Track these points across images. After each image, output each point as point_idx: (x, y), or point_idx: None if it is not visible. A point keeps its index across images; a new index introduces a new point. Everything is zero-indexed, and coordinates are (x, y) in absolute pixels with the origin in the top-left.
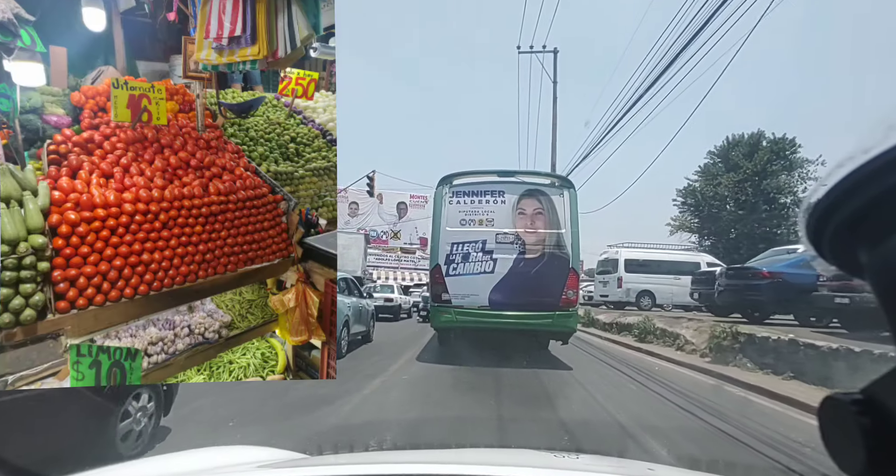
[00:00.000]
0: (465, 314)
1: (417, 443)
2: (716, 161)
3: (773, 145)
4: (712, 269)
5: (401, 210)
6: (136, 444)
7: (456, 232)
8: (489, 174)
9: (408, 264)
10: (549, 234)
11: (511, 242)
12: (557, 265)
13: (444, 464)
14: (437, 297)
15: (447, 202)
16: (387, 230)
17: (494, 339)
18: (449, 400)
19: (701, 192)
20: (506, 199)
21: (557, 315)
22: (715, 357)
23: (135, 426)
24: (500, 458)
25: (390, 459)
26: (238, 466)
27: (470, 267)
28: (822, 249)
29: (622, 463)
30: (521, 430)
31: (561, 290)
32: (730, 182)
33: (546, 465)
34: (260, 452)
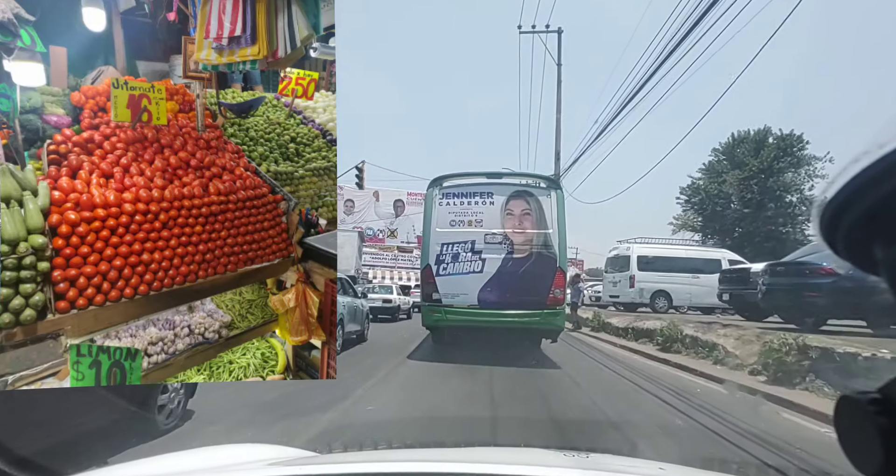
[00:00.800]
0: (454, 313)
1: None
2: (720, 158)
3: (779, 142)
4: (742, 266)
5: (398, 207)
6: (170, 419)
7: (446, 233)
8: (478, 176)
9: (405, 264)
10: (536, 234)
11: (499, 242)
12: (545, 265)
13: (454, 462)
14: (427, 296)
15: (437, 204)
16: (383, 228)
17: (485, 338)
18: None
19: (705, 190)
20: (494, 200)
21: (545, 313)
22: (774, 377)
23: (170, 404)
24: (510, 456)
25: (400, 457)
26: (249, 464)
27: (459, 267)
28: (836, 245)
29: (633, 462)
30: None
31: (548, 289)
32: (735, 179)
33: (556, 463)
34: (270, 450)
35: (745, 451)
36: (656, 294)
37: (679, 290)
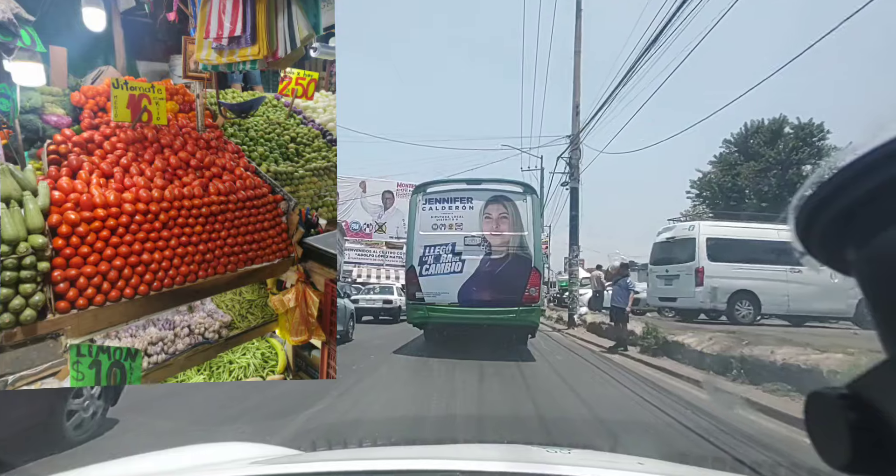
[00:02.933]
0: (436, 311)
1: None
2: (732, 150)
3: (797, 131)
4: None
5: (386, 200)
6: (81, 431)
7: (428, 236)
8: (458, 182)
9: (395, 261)
10: (512, 237)
11: (478, 244)
12: (520, 265)
13: (436, 459)
14: (411, 295)
15: (420, 209)
16: (370, 222)
17: (467, 336)
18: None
19: (718, 184)
20: (473, 205)
21: (520, 310)
22: None
23: (82, 412)
24: (493, 453)
25: (382, 455)
26: (231, 463)
27: (441, 267)
28: (811, 245)
29: (613, 457)
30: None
31: (524, 288)
32: (750, 172)
33: (538, 459)
34: (253, 449)
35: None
36: (737, 295)
37: (771, 289)
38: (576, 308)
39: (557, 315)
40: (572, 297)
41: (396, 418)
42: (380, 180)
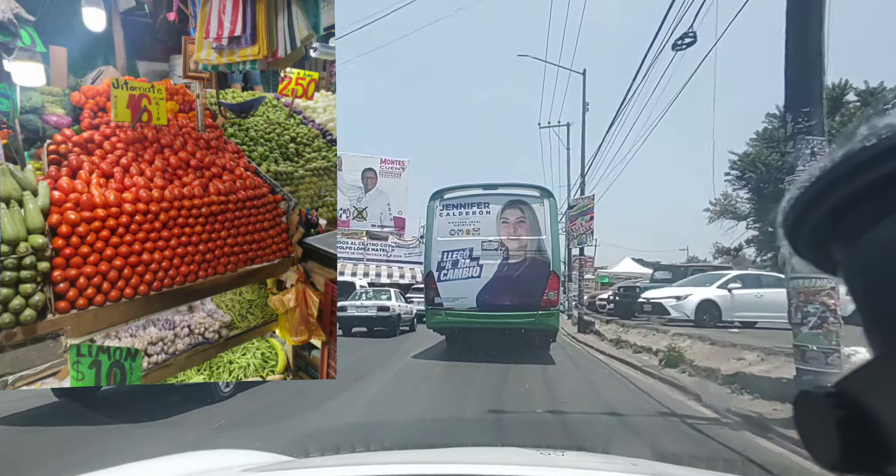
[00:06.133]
0: (455, 315)
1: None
2: (775, 125)
3: (864, 98)
4: None
5: (368, 179)
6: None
7: (446, 241)
8: (475, 188)
9: (377, 255)
10: (530, 241)
11: (496, 249)
12: (538, 269)
13: (430, 464)
14: (430, 300)
15: (438, 215)
16: (348, 207)
17: (482, 338)
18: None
19: (764, 163)
20: (490, 209)
21: (539, 314)
22: None
23: None
24: (487, 456)
25: (376, 460)
26: (224, 470)
27: (459, 272)
28: (798, 245)
29: (607, 459)
30: None
31: (542, 292)
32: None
33: (533, 462)
34: (246, 456)
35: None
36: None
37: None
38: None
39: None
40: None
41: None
42: (361, 156)
